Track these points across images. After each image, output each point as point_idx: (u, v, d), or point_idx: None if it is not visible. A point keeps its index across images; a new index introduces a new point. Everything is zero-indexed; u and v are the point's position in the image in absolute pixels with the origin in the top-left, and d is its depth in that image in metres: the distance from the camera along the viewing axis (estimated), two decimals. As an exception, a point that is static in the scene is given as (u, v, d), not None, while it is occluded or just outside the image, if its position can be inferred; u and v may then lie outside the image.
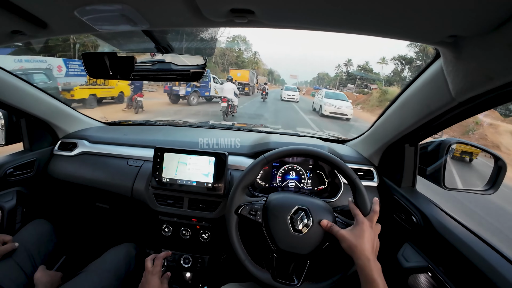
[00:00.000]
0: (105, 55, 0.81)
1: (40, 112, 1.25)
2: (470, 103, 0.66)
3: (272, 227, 0.81)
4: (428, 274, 0.81)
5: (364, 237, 0.72)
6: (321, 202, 0.87)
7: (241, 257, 0.83)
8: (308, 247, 0.79)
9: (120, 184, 1.23)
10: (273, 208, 0.83)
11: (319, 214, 0.81)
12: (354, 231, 0.74)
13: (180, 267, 1.23)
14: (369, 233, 0.73)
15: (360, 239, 0.71)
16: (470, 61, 0.57)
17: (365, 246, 0.70)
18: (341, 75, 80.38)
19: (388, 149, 1.11)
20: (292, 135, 1.55)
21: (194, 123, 1.77)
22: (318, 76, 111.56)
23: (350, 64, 78.65)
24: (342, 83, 72.44)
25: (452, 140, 0.96)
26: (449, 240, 0.78)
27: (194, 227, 1.18)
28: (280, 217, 0.81)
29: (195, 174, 1.11)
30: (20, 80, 1.12)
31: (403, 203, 0.99)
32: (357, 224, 0.75)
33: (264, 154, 0.89)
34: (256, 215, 0.84)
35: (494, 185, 0.92)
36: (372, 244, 0.72)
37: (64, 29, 0.75)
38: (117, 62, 0.82)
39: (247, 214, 0.85)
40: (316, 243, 0.79)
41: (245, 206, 0.86)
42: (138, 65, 0.81)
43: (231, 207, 0.86)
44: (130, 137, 1.41)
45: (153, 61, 0.81)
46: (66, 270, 1.12)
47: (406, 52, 9.99)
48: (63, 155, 1.35)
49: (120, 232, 1.51)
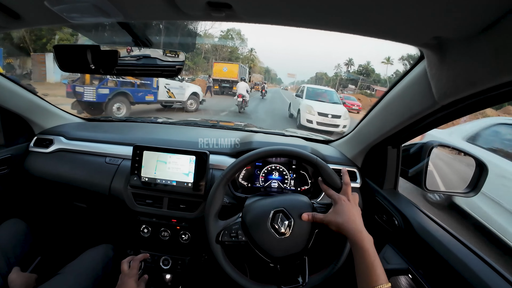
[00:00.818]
0: (80, 48, 0.78)
1: (15, 106, 1.20)
2: (452, 107, 0.66)
3: (258, 241, 0.78)
4: (409, 276, 0.81)
5: (347, 212, 0.72)
6: (295, 197, 0.85)
7: (241, 283, 0.79)
8: (300, 244, 0.78)
9: (97, 183, 1.19)
10: (251, 222, 0.80)
11: (296, 210, 0.80)
12: (335, 210, 0.74)
13: (159, 269, 1.20)
14: (350, 207, 0.73)
15: (344, 216, 0.71)
16: (454, 65, 0.56)
17: (351, 220, 0.71)
18: (340, 75, 78.36)
19: (371, 150, 1.11)
20: (277, 134, 1.53)
21: (177, 120, 1.73)
22: (316, 76, 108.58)
23: (351, 63, 76.47)
24: (342, 84, 70.75)
25: (434, 142, 0.96)
26: (429, 242, 0.78)
27: (174, 227, 1.15)
28: (260, 228, 0.78)
29: (175, 174, 1.08)
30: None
31: (385, 205, 0.99)
32: (335, 203, 0.75)
33: (223, 172, 0.85)
34: (237, 235, 0.80)
35: (475, 188, 0.93)
36: (356, 215, 0.72)
37: (37, 20, 0.72)
38: (93, 55, 0.78)
39: (229, 239, 0.80)
40: (305, 238, 0.78)
41: (223, 231, 0.81)
42: (115, 59, 0.78)
43: (210, 238, 0.82)
44: (109, 134, 1.36)
45: (130, 56, 0.77)
46: (42, 271, 1.08)
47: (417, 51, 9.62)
48: (39, 152, 1.29)
49: (97, 233, 1.46)
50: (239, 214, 0.85)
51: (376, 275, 0.62)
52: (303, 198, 0.85)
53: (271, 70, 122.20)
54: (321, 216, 0.76)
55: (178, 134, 1.41)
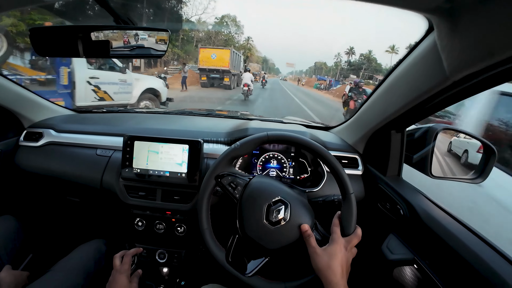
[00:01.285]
0: (58, 29, 0.72)
1: (2, 100, 1.17)
2: (465, 83, 0.60)
3: (246, 209, 0.74)
4: (414, 266, 0.78)
5: (337, 258, 0.65)
6: (306, 203, 0.80)
7: (203, 224, 0.78)
8: (274, 244, 0.72)
9: (88, 176, 1.16)
10: (254, 190, 0.76)
11: (300, 215, 0.74)
12: (328, 249, 0.67)
13: (155, 263, 1.17)
14: (343, 255, 0.67)
15: (333, 261, 0.65)
16: (468, 33, 0.50)
17: (337, 270, 0.64)
18: (340, 64, 76.01)
19: (373, 135, 1.06)
20: (273, 121, 1.49)
21: (171, 110, 1.69)
22: (315, 65, 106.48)
23: (352, 52, 74.07)
24: (343, 74, 68.72)
25: (440, 126, 0.92)
26: (436, 231, 0.74)
27: (169, 220, 1.12)
28: (257, 202, 0.74)
29: (168, 164, 1.04)
30: None
31: (388, 192, 0.95)
32: (332, 242, 0.69)
33: (267, 132, 0.81)
34: (235, 189, 0.77)
35: (482, 173, 0.90)
36: (344, 267, 0.66)
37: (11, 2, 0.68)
38: (71, 38, 0.72)
39: (226, 185, 0.78)
40: (284, 243, 0.72)
41: (227, 175, 0.79)
42: (95, 41, 0.72)
43: (213, 171, 0.79)
44: (99, 125, 1.32)
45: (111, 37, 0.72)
46: (33, 268, 1.06)
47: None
48: (29, 146, 1.26)
49: (90, 228, 1.44)
50: (250, 176, 0.81)
51: None
52: (312, 212, 0.78)
53: (269, 59, 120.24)
54: (315, 245, 0.69)
55: (171, 123, 1.36)
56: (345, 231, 0.71)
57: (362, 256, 0.87)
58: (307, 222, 0.73)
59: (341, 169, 0.76)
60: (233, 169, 0.83)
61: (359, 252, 0.72)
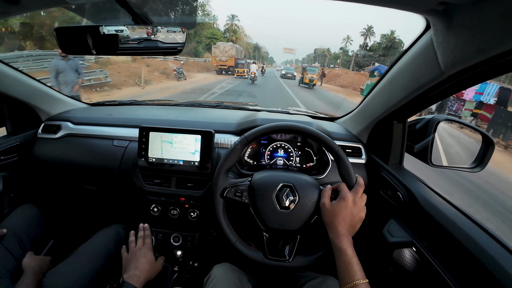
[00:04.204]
0: (81, 29, 0.77)
1: (20, 94, 1.21)
2: (459, 77, 0.64)
3: (259, 207, 0.81)
4: (412, 249, 0.83)
5: (341, 215, 0.72)
6: (306, 177, 0.86)
7: (231, 239, 0.83)
8: (297, 223, 0.79)
9: (106, 165, 1.22)
10: (258, 188, 0.83)
11: (305, 190, 0.81)
12: (334, 206, 0.74)
13: (170, 246, 1.24)
14: (349, 210, 0.73)
15: (336, 217, 0.72)
16: (461, 32, 0.55)
17: (340, 223, 0.72)
18: (355, 51, 56.71)
19: (376, 126, 1.10)
20: (281, 112, 1.53)
21: (182, 102, 1.73)
22: (315, 52, 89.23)
23: (372, 33, 56.47)
24: (358, 62, 52.46)
25: (441, 117, 0.95)
26: (434, 216, 0.78)
27: (182, 206, 1.18)
28: (266, 196, 0.81)
29: (182, 153, 1.09)
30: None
31: (390, 179, 1.00)
32: (339, 199, 0.75)
33: (244, 134, 0.87)
34: (242, 196, 0.83)
35: (481, 162, 0.93)
36: (348, 220, 0.73)
37: (36, 4, 0.72)
38: (95, 36, 0.77)
39: (233, 196, 0.84)
40: (304, 219, 0.79)
41: (230, 188, 0.85)
42: (116, 40, 0.77)
43: (216, 190, 0.85)
44: (114, 117, 1.37)
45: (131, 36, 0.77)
46: (55, 253, 1.12)
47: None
48: (47, 138, 1.32)
49: (108, 214, 1.50)
50: (248, 178, 0.88)
51: (353, 271, 0.66)
52: (315, 182, 0.85)
53: (262, 47, 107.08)
54: (324, 201, 0.76)
55: (183, 115, 1.41)
56: (348, 184, 0.78)
57: (364, 239, 0.93)
58: (314, 192, 0.81)
59: (317, 132, 0.83)
60: (231, 180, 0.88)
61: (362, 234, 0.78)
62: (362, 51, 56.07)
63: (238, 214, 0.96)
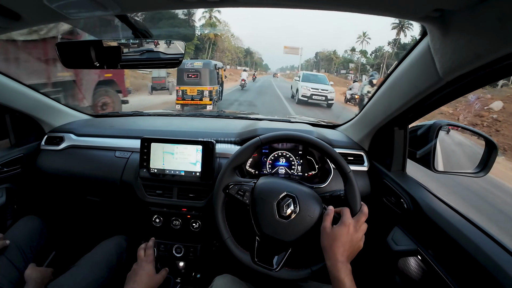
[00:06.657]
0: (82, 43, 0.79)
1: (23, 106, 1.22)
2: (458, 83, 0.64)
3: (258, 211, 0.81)
4: (418, 257, 0.82)
5: (341, 240, 0.70)
6: (311, 192, 0.85)
7: (223, 235, 0.83)
8: (291, 235, 0.78)
9: (108, 176, 1.22)
10: (261, 192, 0.83)
11: (307, 204, 0.80)
12: (335, 231, 0.72)
13: (172, 257, 1.23)
14: (349, 236, 0.71)
15: (336, 242, 0.70)
16: (458, 38, 0.55)
17: (339, 249, 0.70)
18: (362, 51, 45.34)
19: (377, 133, 1.10)
20: (281, 121, 1.53)
21: (183, 112, 1.75)
22: (317, 56, 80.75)
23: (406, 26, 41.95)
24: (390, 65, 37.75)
25: (442, 122, 0.95)
26: (438, 223, 0.77)
27: (184, 216, 1.18)
28: (267, 201, 0.80)
29: (183, 164, 1.09)
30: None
31: (393, 187, 0.99)
32: (341, 224, 0.73)
33: (260, 136, 0.87)
34: (244, 195, 0.83)
35: (485, 167, 0.92)
36: (347, 247, 0.71)
37: (37, 19, 0.74)
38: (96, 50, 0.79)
39: (235, 194, 0.84)
40: (299, 232, 0.78)
41: (233, 185, 0.85)
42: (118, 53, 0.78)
43: (219, 185, 0.86)
44: (116, 128, 1.39)
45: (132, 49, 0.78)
46: (57, 265, 1.11)
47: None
48: (50, 150, 1.33)
49: (110, 226, 1.50)
50: (254, 180, 0.87)
51: None
52: (318, 198, 0.84)
53: (254, 52, 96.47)
54: (325, 224, 0.74)
55: (184, 125, 1.42)
56: (352, 210, 0.76)
57: (368, 248, 0.92)
58: (316, 208, 0.79)
59: (332, 151, 0.82)
60: (237, 178, 0.89)
61: (366, 243, 0.76)
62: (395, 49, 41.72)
63: (236, 213, 0.95)
